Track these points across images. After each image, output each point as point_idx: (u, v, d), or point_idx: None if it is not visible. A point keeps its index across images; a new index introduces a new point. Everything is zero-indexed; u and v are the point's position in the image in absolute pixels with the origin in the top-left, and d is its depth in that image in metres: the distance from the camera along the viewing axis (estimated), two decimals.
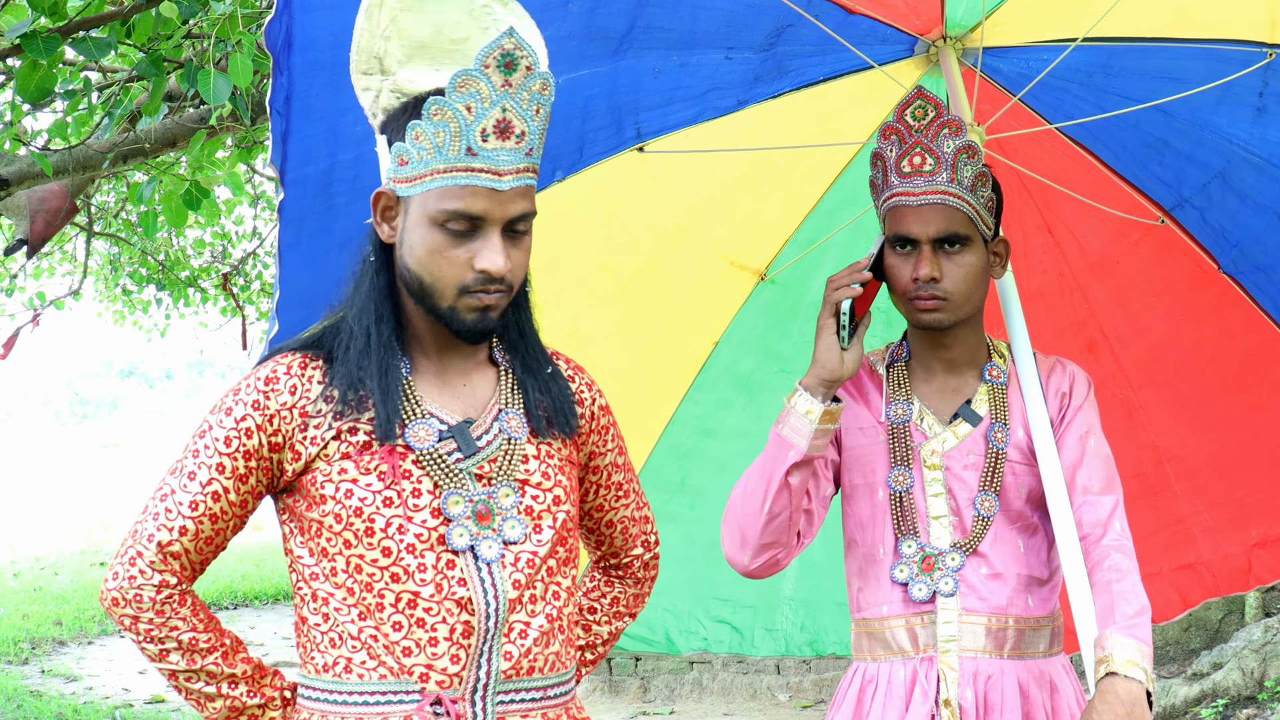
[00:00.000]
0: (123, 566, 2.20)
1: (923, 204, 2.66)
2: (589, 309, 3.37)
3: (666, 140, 3.11)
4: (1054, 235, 3.38)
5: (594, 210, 3.21)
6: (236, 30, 4.55)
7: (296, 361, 2.22)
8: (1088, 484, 2.65)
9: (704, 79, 3.02)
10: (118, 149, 5.91)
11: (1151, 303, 3.41)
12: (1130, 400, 3.48)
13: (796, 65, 3.03)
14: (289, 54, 2.46)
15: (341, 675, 2.18)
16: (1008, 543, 2.69)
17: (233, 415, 2.19)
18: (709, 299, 3.48)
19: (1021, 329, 2.78)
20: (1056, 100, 3.11)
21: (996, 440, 2.69)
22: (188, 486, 2.19)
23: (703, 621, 3.80)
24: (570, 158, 3.02)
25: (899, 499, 2.71)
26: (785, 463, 2.63)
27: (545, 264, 3.19)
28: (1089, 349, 3.45)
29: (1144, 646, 2.45)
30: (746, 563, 2.72)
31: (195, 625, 2.21)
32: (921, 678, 2.67)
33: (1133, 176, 3.22)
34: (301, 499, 2.21)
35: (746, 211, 3.37)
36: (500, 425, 2.24)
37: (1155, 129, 3.09)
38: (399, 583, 2.15)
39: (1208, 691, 7.43)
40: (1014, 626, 2.67)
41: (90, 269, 12.12)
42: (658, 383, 3.55)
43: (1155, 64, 2.97)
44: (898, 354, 2.82)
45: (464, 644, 2.16)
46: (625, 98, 2.99)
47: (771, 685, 8.96)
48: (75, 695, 9.80)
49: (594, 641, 2.56)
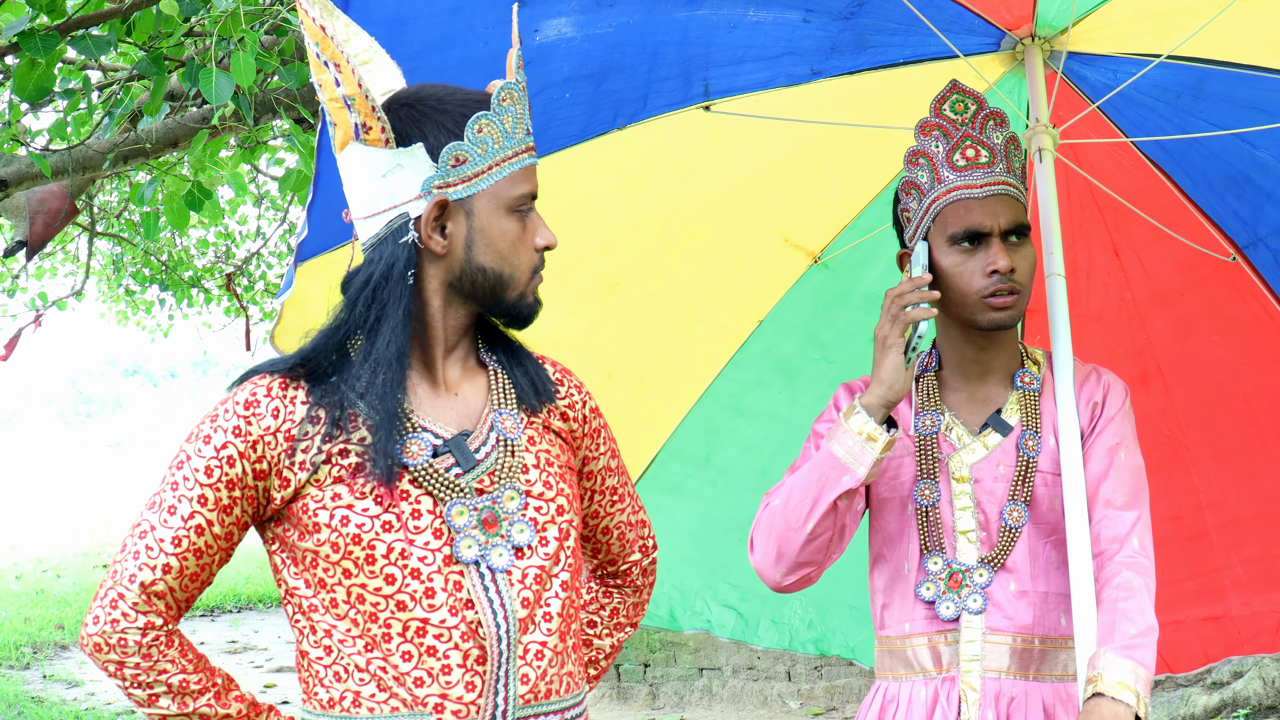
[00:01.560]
0: (104, 610, 2.09)
1: (989, 194, 2.60)
2: (631, 264, 3.32)
3: (734, 103, 3.05)
4: (1120, 258, 3.32)
5: (649, 164, 3.15)
6: (239, 28, 4.53)
7: (276, 383, 2.12)
8: (1110, 498, 2.57)
9: (779, 41, 2.94)
10: (118, 149, 5.88)
11: (1212, 341, 3.33)
12: (1177, 439, 3.40)
13: (877, 41, 2.97)
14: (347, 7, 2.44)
15: (350, 710, 2.09)
16: (1040, 557, 2.62)
17: (212, 443, 2.08)
18: (758, 274, 3.42)
19: (1065, 334, 2.69)
20: (1140, 116, 3.06)
21: (1027, 448, 2.62)
22: (168, 521, 2.09)
23: (709, 603, 3.75)
24: (633, 105, 2.97)
25: (925, 513, 2.63)
26: (839, 487, 2.54)
27: (590, 211, 3.18)
28: (1142, 380, 3.37)
29: (1140, 669, 2.37)
30: (779, 579, 2.64)
31: (184, 666, 2.11)
32: (943, 699, 2.60)
33: (1209, 208, 3.17)
34: (293, 528, 2.11)
35: (808, 189, 3.30)
36: (497, 432, 2.17)
37: (1238, 162, 3.05)
38: (405, 610, 2.07)
39: (1228, 701, 7.38)
40: (1040, 647, 2.60)
41: (93, 269, 12.13)
42: (695, 352, 3.49)
43: (1246, 93, 2.92)
44: (927, 364, 2.74)
45: (479, 670, 2.09)
46: (696, 50, 2.93)
47: (782, 692, 8.94)
48: (77, 701, 9.79)
49: (596, 656, 2.51)
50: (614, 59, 2.88)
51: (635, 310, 3.36)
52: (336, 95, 2.12)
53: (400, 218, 2.11)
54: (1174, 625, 3.41)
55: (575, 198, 3.09)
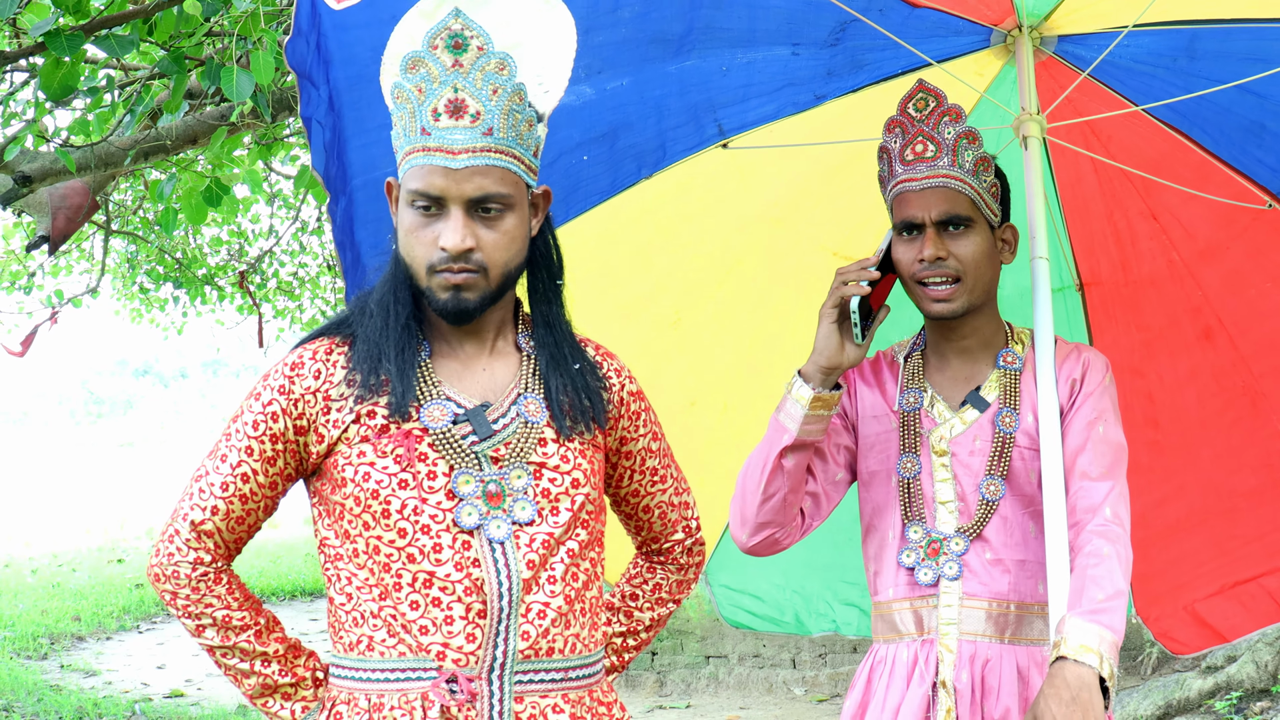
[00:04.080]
0: (163, 544, 2.29)
1: (925, 188, 2.71)
2: (689, 300, 3.43)
3: (750, 136, 3.15)
4: (1159, 221, 3.35)
5: (684, 205, 3.26)
6: (258, 28, 4.60)
7: (323, 347, 2.28)
8: (1086, 470, 2.65)
9: (775, 75, 3.05)
10: (139, 146, 5.94)
11: (1267, 289, 3.33)
12: (1253, 388, 3.40)
13: (870, 59, 3.05)
14: (329, 69, 2.58)
15: (365, 653, 2.24)
16: (1016, 528, 2.72)
17: (260, 400, 2.26)
18: (814, 288, 3.42)
19: (1046, 314, 2.78)
20: (1143, 85, 3.09)
21: (1004, 425, 2.72)
22: (219, 468, 2.27)
23: (831, 604, 3.82)
24: (653, 156, 3.10)
25: (907, 485, 2.75)
26: (778, 445, 2.69)
27: (638, 259, 3.31)
28: (1206, 336, 3.40)
29: (1106, 632, 2.42)
30: (745, 540, 2.78)
31: (230, 604, 2.28)
32: (921, 660, 2.71)
33: (1235, 161, 3.17)
34: (327, 482, 2.27)
35: (844, 203, 3.39)
36: (518, 409, 2.28)
37: (1249, 112, 3.05)
38: (415, 563, 2.20)
39: (1222, 684, 7.43)
40: (1015, 612, 2.70)
41: (108, 267, 12.16)
42: (769, 369, 3.54)
43: (1239, 46, 2.94)
44: (916, 344, 2.87)
45: (479, 623, 2.20)
46: (698, 96, 3.05)
47: (787, 679, 8.97)
48: (95, 690, 9.85)
49: (635, 628, 2.59)
50: (621, 118, 3.00)
51: (701, 341, 3.47)
52: None
53: None
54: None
55: (622, 248, 3.23)
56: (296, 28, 2.53)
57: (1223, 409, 3.44)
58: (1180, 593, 3.07)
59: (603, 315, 3.25)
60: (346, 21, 2.54)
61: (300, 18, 2.52)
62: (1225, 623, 3.55)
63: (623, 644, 2.57)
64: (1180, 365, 3.44)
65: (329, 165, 2.71)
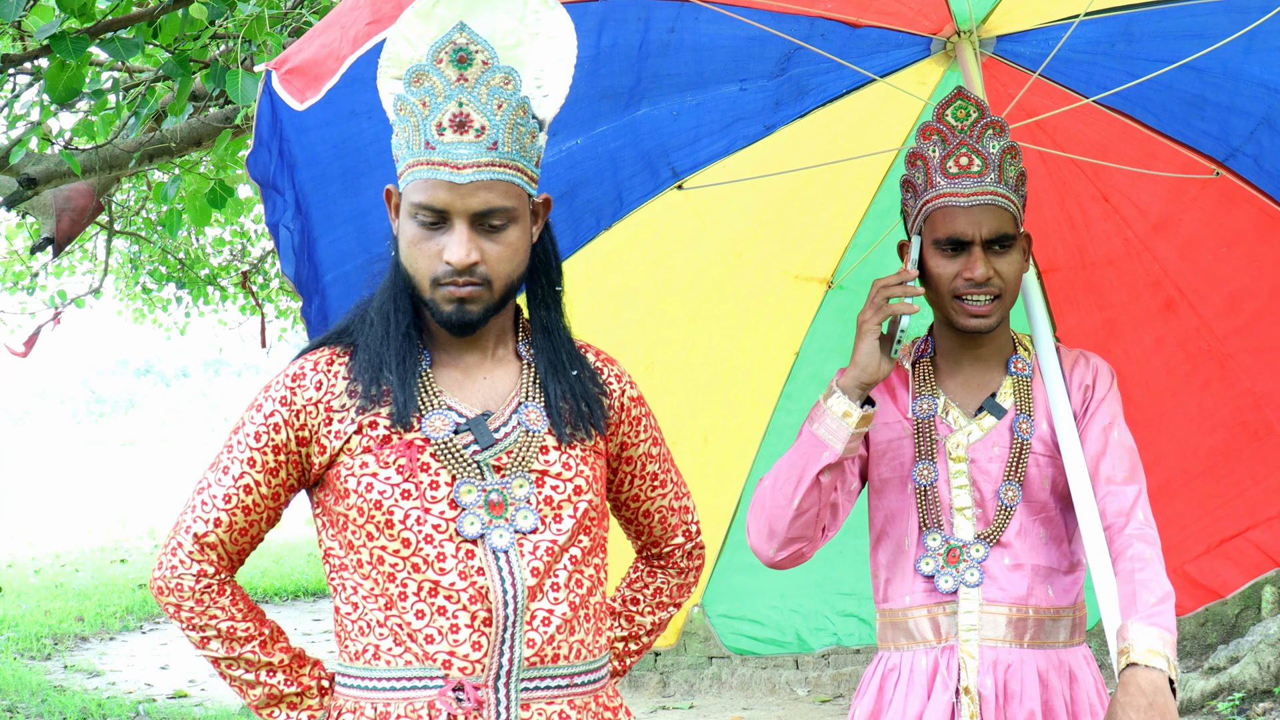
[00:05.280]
0: (166, 557, 2.29)
1: (974, 204, 2.68)
2: (661, 342, 3.45)
3: (704, 174, 3.17)
4: (1110, 202, 3.36)
5: (646, 251, 3.29)
6: (263, 31, 4.61)
7: (324, 358, 2.28)
8: (1111, 474, 2.66)
9: (724, 112, 3.07)
10: (144, 148, 5.96)
11: (1222, 254, 3.38)
12: (1218, 351, 3.45)
13: (816, 83, 3.06)
14: (293, 173, 2.62)
15: (371, 662, 2.24)
16: (1031, 534, 2.73)
17: (262, 412, 2.26)
18: (781, 313, 3.53)
19: (1043, 322, 2.80)
20: (1086, 74, 3.11)
21: (1021, 431, 2.72)
22: (222, 480, 2.27)
23: (830, 618, 3.84)
24: (611, 208, 3.12)
25: (924, 492, 2.74)
26: (819, 463, 2.67)
27: (609, 308, 3.33)
28: (1168, 307, 3.45)
29: (1166, 634, 2.45)
30: (772, 555, 2.77)
31: (234, 615, 2.28)
32: (943, 667, 2.71)
33: (1179, 134, 3.21)
34: (329, 493, 2.27)
35: (801, 226, 3.42)
36: (519, 418, 2.28)
37: (1190, 86, 3.08)
38: (420, 572, 2.20)
39: (1224, 685, 7.45)
40: (1034, 616, 2.71)
41: (111, 267, 12.17)
42: (746, 398, 3.60)
43: (1175, 24, 2.96)
44: (924, 349, 2.85)
45: (485, 631, 2.20)
46: (651, 143, 3.07)
47: (790, 680, 8.98)
48: (98, 690, 9.85)
49: (637, 632, 2.59)
50: (578, 175, 3.01)
51: (676, 381, 3.47)
52: None
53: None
54: (1269, 522, 3.51)
55: (590, 301, 3.19)
56: (258, 139, 2.54)
57: (1191, 374, 3.48)
58: (1170, 556, 3.13)
59: None
60: (308, 123, 2.56)
61: (261, 128, 2.53)
62: (1216, 579, 3.61)
63: (624, 648, 2.57)
64: (1145, 338, 3.49)
65: (299, 268, 2.72)
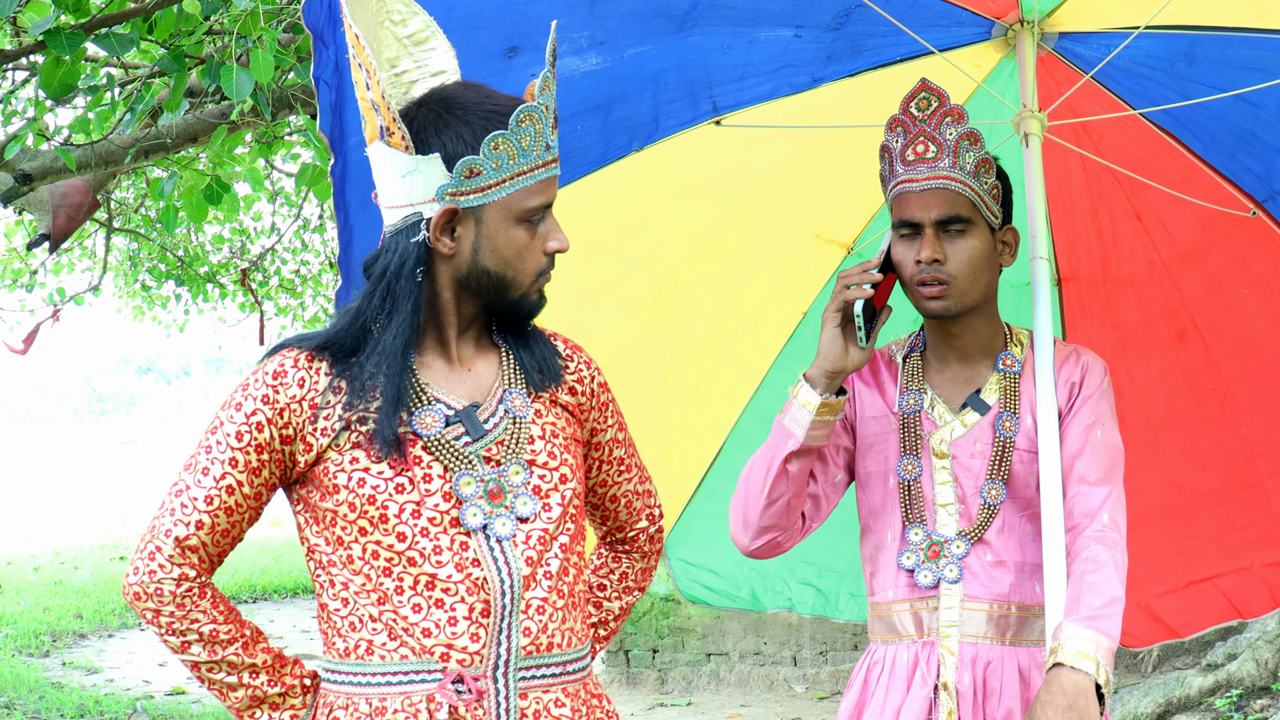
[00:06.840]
0: (142, 562, 2.25)
1: (925, 189, 2.70)
2: (670, 276, 3.43)
3: (744, 115, 3.15)
4: (1143, 222, 3.35)
5: (671, 180, 3.27)
6: (258, 26, 4.60)
7: (303, 356, 2.26)
8: (1084, 474, 2.65)
9: (775, 55, 3.05)
10: (139, 144, 5.96)
11: (1243, 295, 3.36)
12: (1222, 392, 3.44)
13: (871, 45, 3.05)
14: (335, 28, 2.60)
15: (364, 657, 2.23)
16: (1015, 531, 2.72)
17: (243, 410, 2.23)
18: (795, 270, 3.51)
19: (1046, 316, 2.78)
20: (1140, 87, 3.10)
21: (1004, 429, 2.72)
22: (202, 481, 2.24)
23: (788, 582, 3.83)
24: (645, 129, 3.10)
25: (907, 487, 2.75)
26: (784, 450, 2.69)
27: (623, 232, 3.30)
28: (1180, 338, 3.43)
29: (1103, 639, 2.44)
30: (747, 543, 2.79)
31: (215, 617, 2.26)
32: (922, 662, 2.71)
33: (1223, 167, 3.20)
34: (315, 489, 2.25)
35: (830, 186, 3.40)
36: (505, 406, 2.29)
37: (1243, 120, 3.07)
38: (415, 566, 2.20)
39: (1222, 682, 7.44)
40: (1016, 614, 2.71)
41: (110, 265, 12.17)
42: (745, 349, 3.59)
43: (1238, 54, 2.95)
44: (915, 344, 2.86)
45: (483, 622, 2.21)
46: (696, 72, 3.05)
47: (788, 677, 8.99)
48: (96, 687, 9.87)
49: (605, 618, 2.61)
50: (617, 90, 3.01)
51: (680, 318, 3.47)
52: (366, 97, 2.24)
53: (414, 216, 2.22)
54: (1240, 572, 3.49)
55: (606, 220, 3.23)
56: None
57: (1191, 410, 3.46)
58: (1136, 588, 3.11)
59: (584, 288, 3.29)
60: None
61: None
62: (1178, 619, 3.59)
63: (595, 634, 2.58)
64: (1152, 365, 3.46)
65: (332, 126, 2.73)
